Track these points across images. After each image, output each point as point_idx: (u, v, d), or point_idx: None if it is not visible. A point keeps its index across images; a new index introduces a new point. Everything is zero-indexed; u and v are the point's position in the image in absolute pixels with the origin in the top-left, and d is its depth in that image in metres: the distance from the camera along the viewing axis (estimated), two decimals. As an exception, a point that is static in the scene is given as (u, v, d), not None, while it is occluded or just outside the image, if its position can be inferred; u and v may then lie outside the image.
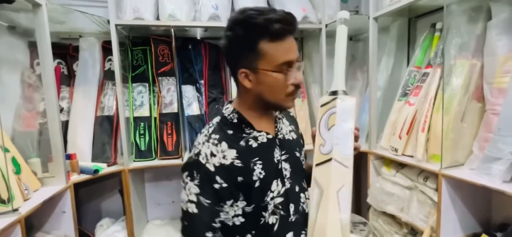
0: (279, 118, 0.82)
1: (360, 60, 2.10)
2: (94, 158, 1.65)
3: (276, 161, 0.74)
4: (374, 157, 1.71)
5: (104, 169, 1.57)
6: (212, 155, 0.67)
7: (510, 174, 1.04)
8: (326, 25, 1.82)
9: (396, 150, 1.52)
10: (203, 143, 0.69)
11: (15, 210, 1.04)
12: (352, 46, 2.21)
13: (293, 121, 0.89)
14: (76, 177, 1.45)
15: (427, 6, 1.53)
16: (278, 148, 0.76)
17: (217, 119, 0.76)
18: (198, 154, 0.67)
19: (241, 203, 0.70)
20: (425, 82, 1.44)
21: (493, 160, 1.08)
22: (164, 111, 1.79)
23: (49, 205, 1.30)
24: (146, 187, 1.99)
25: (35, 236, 1.30)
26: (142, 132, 1.76)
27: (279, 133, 0.78)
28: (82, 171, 1.51)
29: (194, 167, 0.67)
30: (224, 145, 0.69)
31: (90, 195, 1.86)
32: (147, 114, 1.79)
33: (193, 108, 1.82)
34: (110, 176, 1.71)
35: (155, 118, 1.79)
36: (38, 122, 1.47)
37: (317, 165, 0.69)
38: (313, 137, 0.74)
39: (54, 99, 1.28)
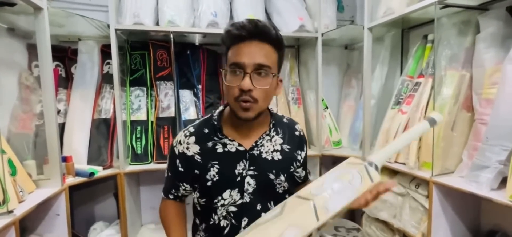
0: (268, 135, 0.81)
1: (355, 68, 2.15)
2: (90, 161, 1.64)
3: (236, 173, 0.77)
4: (367, 164, 1.74)
5: (100, 172, 1.57)
6: (179, 143, 0.81)
7: (497, 182, 1.08)
8: (322, 34, 1.86)
9: (389, 157, 1.56)
10: (183, 130, 0.83)
11: (10, 212, 1.03)
12: (348, 55, 2.26)
13: (293, 141, 0.85)
14: (71, 180, 1.45)
15: (419, 19, 1.59)
16: (244, 161, 0.77)
17: (208, 115, 0.85)
18: (177, 137, 0.83)
19: (196, 194, 0.81)
20: (417, 92, 1.48)
21: (481, 168, 1.11)
22: (161, 115, 1.80)
23: (43, 207, 1.29)
24: (141, 191, 1.98)
25: (29, 238, 1.29)
26: (138, 135, 1.76)
27: (255, 149, 0.78)
28: (78, 173, 1.51)
29: (171, 145, 0.84)
30: (192, 139, 0.80)
31: (84, 198, 1.85)
32: (144, 117, 1.80)
33: (190, 113, 1.83)
34: (104, 179, 1.70)
35: (152, 122, 1.80)
36: (34, 124, 1.47)
37: (298, 196, 0.68)
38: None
39: (52, 101, 1.29)
